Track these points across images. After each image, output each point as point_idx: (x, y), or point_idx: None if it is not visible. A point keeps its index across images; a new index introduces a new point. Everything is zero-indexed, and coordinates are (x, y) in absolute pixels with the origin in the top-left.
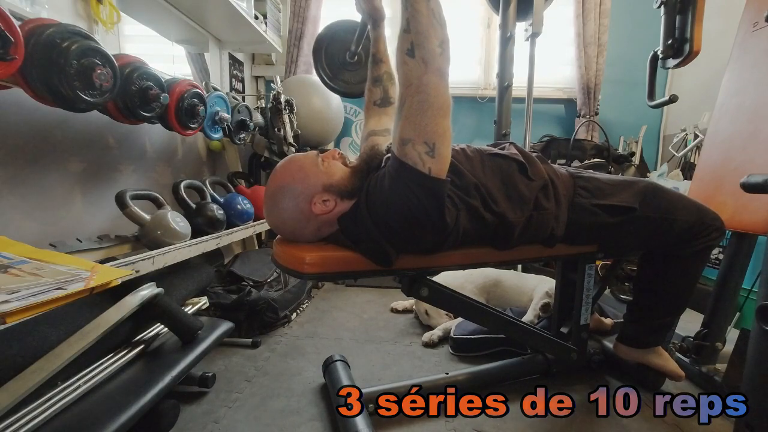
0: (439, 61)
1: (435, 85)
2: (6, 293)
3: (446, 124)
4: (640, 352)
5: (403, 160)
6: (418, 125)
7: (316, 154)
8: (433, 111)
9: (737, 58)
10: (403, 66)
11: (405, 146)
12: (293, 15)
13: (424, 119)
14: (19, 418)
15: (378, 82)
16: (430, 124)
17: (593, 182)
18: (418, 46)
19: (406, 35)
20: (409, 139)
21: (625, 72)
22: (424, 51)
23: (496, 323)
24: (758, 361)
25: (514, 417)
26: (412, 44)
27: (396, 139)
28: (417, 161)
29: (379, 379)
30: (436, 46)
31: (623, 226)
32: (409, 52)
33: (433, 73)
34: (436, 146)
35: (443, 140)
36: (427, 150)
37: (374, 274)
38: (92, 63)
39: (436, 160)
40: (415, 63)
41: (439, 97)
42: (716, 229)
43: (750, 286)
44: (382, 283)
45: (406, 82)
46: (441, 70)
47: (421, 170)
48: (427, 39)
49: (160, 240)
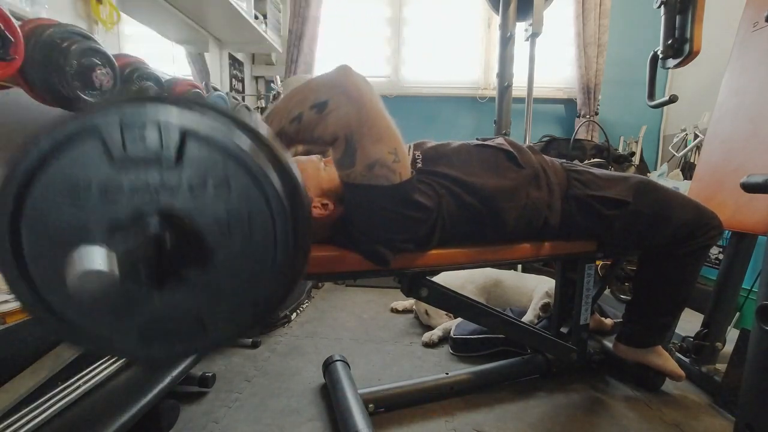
0: (339, 71)
1: (361, 85)
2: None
3: (389, 120)
4: (639, 352)
5: (374, 182)
6: (376, 140)
7: (318, 158)
8: (379, 116)
9: (737, 58)
10: (329, 121)
11: (373, 169)
12: (293, 15)
13: (377, 130)
14: (19, 418)
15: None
16: (383, 129)
17: (587, 175)
18: (318, 94)
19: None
20: (375, 161)
21: (625, 72)
22: (325, 86)
23: (496, 323)
24: (758, 361)
25: (514, 417)
26: (313, 104)
27: (359, 172)
28: (388, 174)
29: (379, 379)
30: (326, 76)
31: (618, 220)
32: (318, 109)
33: (348, 77)
34: (397, 149)
35: (398, 138)
36: (393, 158)
37: (374, 274)
38: (92, 63)
39: (402, 162)
40: (332, 101)
41: (371, 96)
42: (714, 228)
43: (750, 286)
44: (382, 283)
45: (343, 123)
46: (346, 69)
47: (390, 183)
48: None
49: None
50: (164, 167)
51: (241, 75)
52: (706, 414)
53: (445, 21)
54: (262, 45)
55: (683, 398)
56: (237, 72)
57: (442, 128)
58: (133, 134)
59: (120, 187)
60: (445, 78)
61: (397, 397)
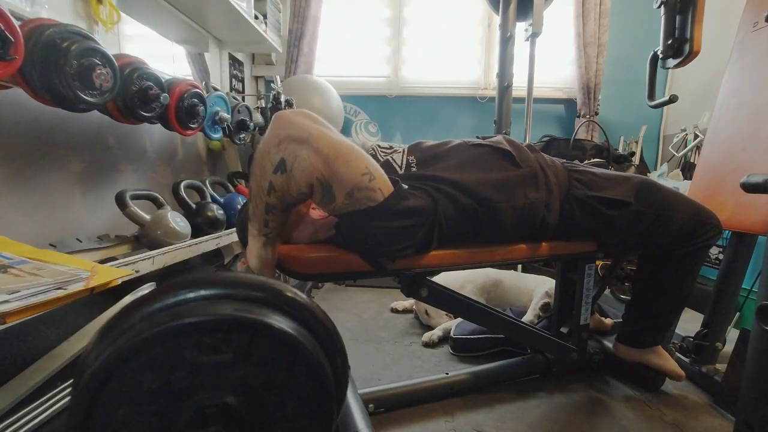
0: (277, 122)
1: (307, 126)
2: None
3: (349, 144)
4: (639, 352)
5: (358, 207)
6: (346, 171)
7: None
8: (336, 145)
9: (737, 58)
10: (295, 176)
11: (352, 196)
12: (293, 15)
13: (342, 160)
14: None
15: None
16: (348, 155)
17: (588, 175)
18: (272, 156)
19: (271, 183)
20: (352, 188)
21: (625, 72)
22: (273, 144)
23: (496, 323)
24: (758, 361)
25: (514, 417)
26: (273, 165)
27: (340, 204)
28: (369, 195)
29: (379, 379)
30: (269, 135)
31: (618, 221)
32: (278, 169)
33: (291, 124)
34: (369, 167)
35: (365, 157)
36: (369, 178)
37: (374, 275)
38: (92, 63)
39: (378, 178)
40: (287, 156)
41: (318, 130)
42: (713, 228)
43: (750, 286)
44: (382, 283)
45: (309, 171)
46: (283, 118)
47: (374, 201)
48: (266, 149)
49: (160, 240)
50: (232, 367)
51: (241, 75)
52: (706, 414)
53: (445, 21)
54: (262, 45)
55: (683, 398)
56: (237, 72)
57: (442, 128)
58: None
59: (188, 389)
60: (445, 78)
61: (397, 397)
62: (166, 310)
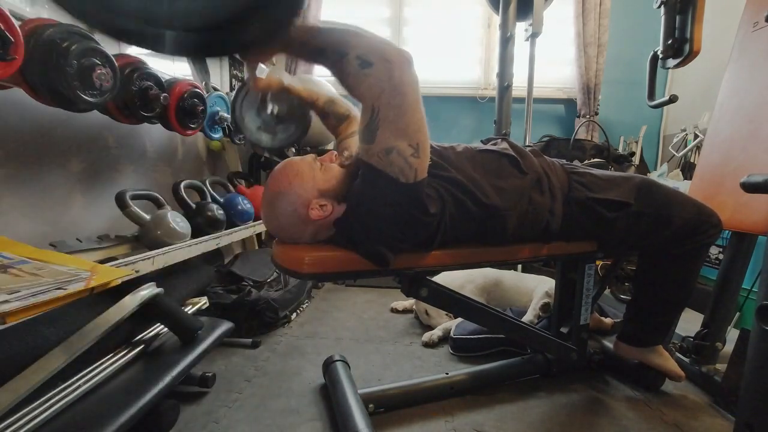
0: (399, 54)
1: (408, 76)
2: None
3: (423, 118)
4: (640, 351)
5: (388, 170)
6: (400, 129)
7: (313, 158)
8: (411, 108)
9: (737, 58)
10: (365, 81)
11: (390, 155)
12: None
13: (404, 120)
14: (19, 418)
15: (326, 116)
16: (412, 122)
17: (588, 177)
18: (370, 53)
19: (354, 59)
20: (393, 146)
21: (625, 72)
22: (380, 53)
23: (496, 323)
24: (758, 361)
25: (514, 417)
26: (360, 57)
27: (376, 151)
28: (404, 166)
29: (379, 379)
30: (387, 45)
31: (619, 222)
32: (362, 64)
33: (401, 65)
34: (420, 145)
35: (425, 136)
36: (412, 152)
37: (374, 274)
38: (92, 63)
39: (421, 159)
40: (376, 68)
41: (413, 89)
42: (713, 226)
43: (750, 286)
44: (382, 283)
45: (374, 93)
46: (407, 59)
47: (405, 178)
48: (375, 46)
49: (160, 240)
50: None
51: (241, 75)
52: (706, 414)
53: (445, 21)
54: None
55: (683, 398)
56: (237, 72)
57: (442, 128)
58: None
59: None
60: (445, 78)
61: (397, 397)
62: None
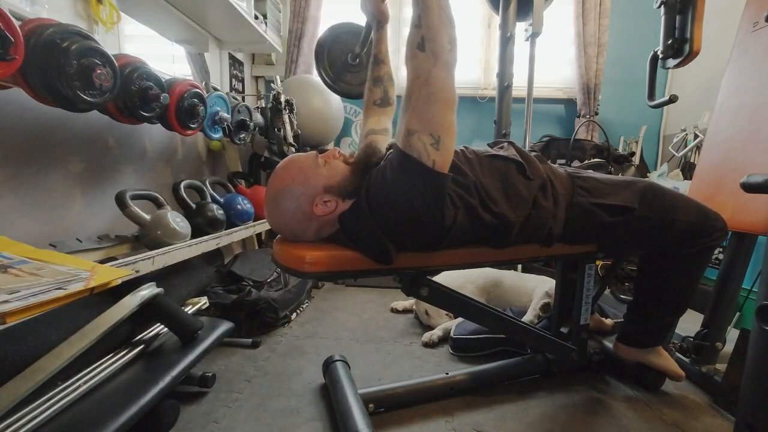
0: (448, 56)
1: (443, 78)
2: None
3: (452, 118)
4: (640, 352)
5: (408, 151)
6: (424, 117)
7: (315, 155)
8: (440, 104)
9: (737, 58)
10: (413, 59)
11: (411, 137)
12: (293, 15)
13: (430, 111)
14: (19, 418)
15: (379, 82)
16: (437, 116)
17: (592, 182)
18: (428, 40)
19: (417, 30)
20: (415, 130)
21: (625, 72)
22: (434, 45)
23: (496, 323)
24: (758, 361)
25: (514, 417)
26: (423, 38)
27: (401, 131)
28: (422, 152)
29: (379, 379)
30: (446, 42)
31: (622, 226)
32: (419, 45)
33: (442, 66)
34: (441, 139)
35: (448, 133)
36: (432, 142)
37: (374, 274)
38: (92, 63)
39: (441, 153)
40: (425, 56)
41: (446, 90)
42: (718, 230)
43: (750, 286)
44: (382, 283)
45: (415, 74)
46: (449, 65)
47: (425, 162)
48: (437, 34)
49: (160, 240)
50: None
51: (241, 75)
52: (706, 414)
53: None
54: (262, 45)
55: (683, 398)
56: (237, 72)
57: None
58: None
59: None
60: None
61: (397, 397)
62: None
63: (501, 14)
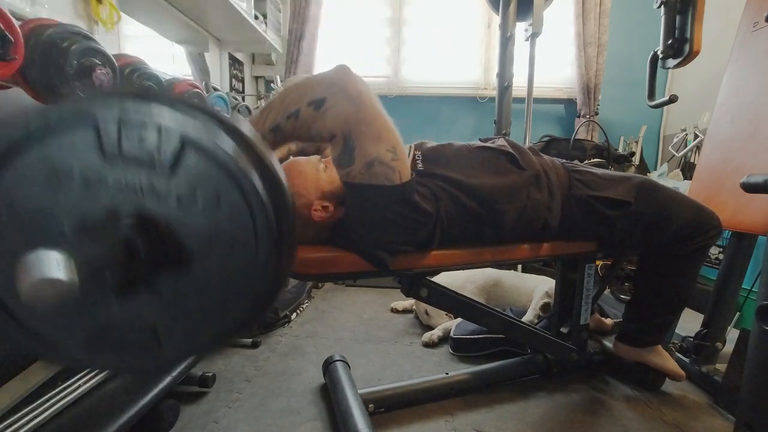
0: (337, 69)
1: (358, 84)
2: None
3: (389, 121)
4: (639, 352)
5: (372, 182)
6: (375, 137)
7: (318, 159)
8: (376, 113)
9: (737, 58)
10: (327, 117)
11: (372, 168)
12: (293, 15)
13: (376, 127)
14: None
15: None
16: (382, 127)
17: (589, 175)
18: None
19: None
20: (373, 158)
21: (625, 72)
22: (322, 84)
23: (496, 323)
24: (758, 361)
25: (514, 417)
26: (310, 101)
27: (358, 171)
28: (387, 172)
29: (379, 379)
30: (322, 74)
31: (619, 221)
32: (316, 106)
33: (345, 76)
34: (396, 147)
35: (396, 136)
36: (392, 156)
37: (374, 275)
38: (92, 63)
39: (401, 160)
40: (329, 98)
41: (369, 93)
42: (713, 228)
43: (750, 286)
44: (382, 283)
45: (340, 120)
46: (345, 69)
47: (390, 182)
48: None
49: None
50: (155, 172)
51: (241, 75)
52: (706, 414)
53: (445, 21)
54: (262, 45)
55: (683, 398)
56: (237, 72)
57: (442, 128)
58: (132, 132)
59: (103, 182)
60: (445, 78)
61: (397, 397)
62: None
63: (501, 14)
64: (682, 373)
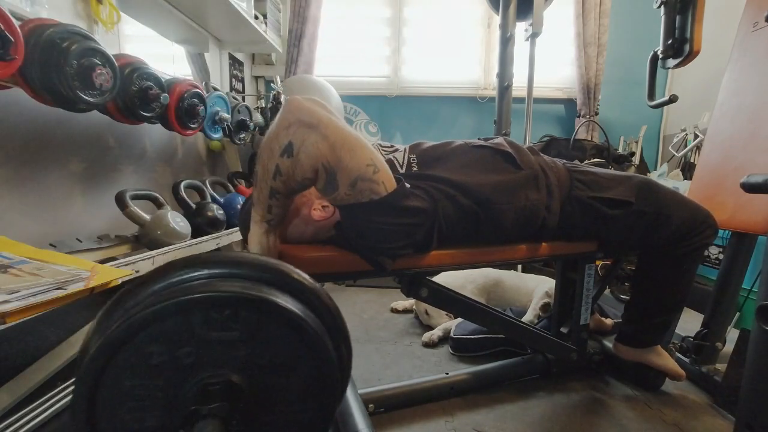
0: (285, 106)
1: (314, 112)
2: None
3: (357, 134)
4: (639, 352)
5: (359, 200)
6: (352, 158)
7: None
8: (343, 133)
9: (737, 58)
10: (301, 159)
11: (355, 187)
12: (293, 15)
13: (348, 148)
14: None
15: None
16: (354, 145)
17: (590, 175)
18: (280, 140)
19: (280, 164)
20: (356, 176)
21: (625, 72)
22: (281, 128)
23: (496, 323)
24: (758, 361)
25: (514, 417)
26: (281, 149)
27: (343, 193)
28: (372, 187)
29: (379, 379)
30: (276, 120)
31: (619, 221)
32: (287, 154)
33: (298, 110)
34: (373, 159)
35: (369, 148)
36: (373, 169)
37: (374, 274)
38: (92, 63)
39: (382, 171)
40: (295, 140)
41: (327, 117)
42: (709, 227)
43: (750, 286)
44: (382, 283)
45: (314, 155)
46: (294, 101)
47: (378, 195)
48: (272, 133)
49: (160, 240)
50: (239, 345)
51: (241, 75)
52: (706, 414)
53: (445, 21)
54: (262, 45)
55: (683, 398)
56: (237, 72)
57: (442, 128)
58: (219, 315)
59: (195, 365)
60: (445, 78)
61: (397, 397)
62: (173, 287)
63: (501, 14)
64: (682, 372)
